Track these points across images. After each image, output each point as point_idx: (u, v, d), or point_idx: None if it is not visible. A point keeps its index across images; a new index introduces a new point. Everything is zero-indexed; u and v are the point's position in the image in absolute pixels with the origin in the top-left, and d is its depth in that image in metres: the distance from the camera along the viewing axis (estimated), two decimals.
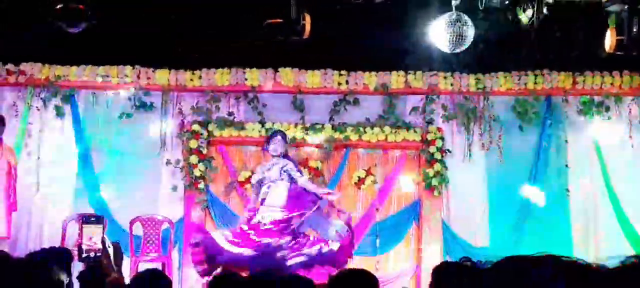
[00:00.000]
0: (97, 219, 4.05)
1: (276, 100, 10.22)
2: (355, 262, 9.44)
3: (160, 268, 8.61)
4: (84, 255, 4.12)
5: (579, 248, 9.64)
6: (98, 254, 4.08)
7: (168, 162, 10.01)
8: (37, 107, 9.97)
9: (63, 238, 8.93)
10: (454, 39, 7.94)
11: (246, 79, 10.14)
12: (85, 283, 4.53)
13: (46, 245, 6.22)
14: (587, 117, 10.13)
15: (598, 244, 9.84)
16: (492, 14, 8.42)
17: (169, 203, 9.89)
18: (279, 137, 8.69)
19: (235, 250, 8.03)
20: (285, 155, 8.68)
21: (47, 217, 9.80)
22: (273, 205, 8.39)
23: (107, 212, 9.63)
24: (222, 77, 10.12)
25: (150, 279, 4.54)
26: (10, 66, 9.93)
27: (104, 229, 6.30)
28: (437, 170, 10.00)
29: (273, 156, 8.64)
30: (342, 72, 10.20)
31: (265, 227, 8.22)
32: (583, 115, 10.15)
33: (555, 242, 9.54)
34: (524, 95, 10.16)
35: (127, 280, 5.79)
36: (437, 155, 10.02)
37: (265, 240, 8.10)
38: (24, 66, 9.95)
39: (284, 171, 8.50)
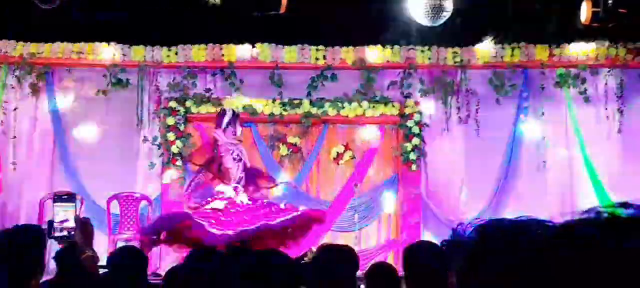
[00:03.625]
0: (70, 197, 4.02)
1: (253, 75, 10.16)
2: (335, 238, 9.51)
3: (137, 246, 8.57)
4: (57, 233, 4.08)
5: (556, 220, 9.70)
6: (71, 232, 4.04)
7: (145, 139, 9.95)
8: (11, 85, 9.86)
9: (40, 217, 8.86)
10: (433, 11, 7.93)
11: (223, 55, 10.08)
12: (61, 263, 4.50)
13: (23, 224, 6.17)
14: (564, 89, 10.19)
15: (575, 216, 9.89)
16: None
17: (146, 181, 9.84)
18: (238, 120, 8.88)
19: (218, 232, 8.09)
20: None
21: (24, 195, 9.73)
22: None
23: (84, 189, 9.58)
24: (198, 53, 10.05)
25: (127, 256, 4.53)
26: None
27: (77, 206, 6.25)
28: (415, 144, 10.01)
29: (239, 141, 8.75)
30: (320, 47, 10.17)
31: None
32: (559, 88, 10.20)
33: (533, 214, 9.59)
34: (500, 68, 10.18)
35: (102, 258, 5.76)
36: (415, 130, 10.03)
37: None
38: None
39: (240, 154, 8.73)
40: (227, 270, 3.82)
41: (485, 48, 10.14)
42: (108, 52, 9.95)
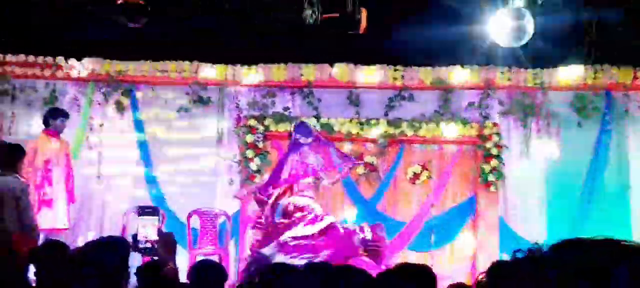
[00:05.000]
0: (153, 210, 4.13)
1: (331, 95, 10.24)
2: (410, 258, 9.48)
3: (217, 260, 8.71)
4: (140, 245, 4.19)
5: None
6: (154, 244, 4.15)
7: (225, 157, 10.11)
8: (98, 101, 10.19)
9: (123, 230, 9.10)
10: (514, 33, 7.85)
11: (302, 74, 10.19)
12: (143, 278, 4.62)
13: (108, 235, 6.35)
14: None
15: None
16: (551, 7, 8.30)
17: (225, 197, 9.99)
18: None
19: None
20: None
21: (107, 209, 10.03)
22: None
23: (165, 204, 9.81)
24: (278, 72, 10.19)
25: (207, 270, 4.63)
26: (72, 61, 10.14)
27: (160, 220, 6.37)
28: (494, 165, 9.91)
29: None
30: (398, 67, 10.18)
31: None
32: None
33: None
34: (583, 90, 10.00)
35: (182, 272, 5.89)
36: (494, 151, 9.93)
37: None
38: (86, 61, 10.16)
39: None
40: (305, 284, 3.87)
41: (567, 70, 9.97)
42: (190, 70, 10.18)
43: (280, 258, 8.02)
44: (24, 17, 9.51)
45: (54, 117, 9.06)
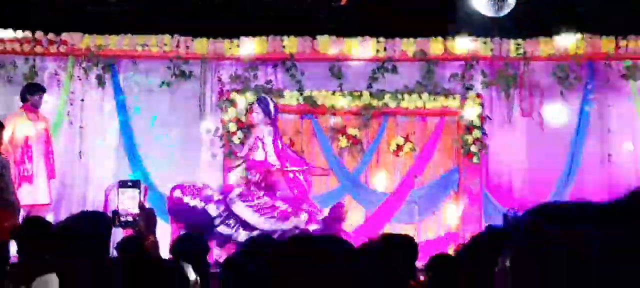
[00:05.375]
0: (134, 183, 4.09)
1: (314, 68, 10.19)
2: (395, 229, 9.49)
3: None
4: (121, 219, 4.16)
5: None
6: (135, 218, 4.11)
7: (207, 131, 10.08)
8: (78, 76, 10.09)
9: (105, 205, 9.03)
10: (497, 2, 7.83)
11: (284, 47, 10.13)
12: (123, 252, 4.60)
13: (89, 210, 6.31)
14: (630, 82, 9.96)
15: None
16: None
17: (208, 171, 9.96)
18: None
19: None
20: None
21: (89, 184, 9.98)
22: None
23: (149, 179, 9.77)
24: (260, 46, 10.12)
25: (189, 243, 4.62)
26: (51, 36, 10.03)
27: (141, 194, 6.33)
28: (476, 136, 9.92)
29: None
30: (380, 39, 10.13)
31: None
32: (626, 80, 9.97)
33: None
34: (565, 60, 10.01)
35: (164, 246, 5.87)
36: (476, 122, 9.94)
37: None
38: (65, 36, 10.05)
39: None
40: (285, 257, 3.86)
41: (550, 41, 9.98)
42: (171, 44, 10.10)
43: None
44: None
45: (32, 93, 8.99)
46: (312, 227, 8.56)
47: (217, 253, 8.48)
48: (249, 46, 10.10)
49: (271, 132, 9.12)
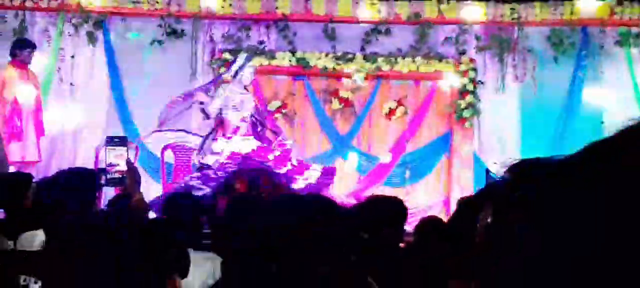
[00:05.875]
0: (121, 140, 4.05)
1: (307, 29, 10.12)
2: (386, 193, 9.49)
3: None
4: (108, 176, 4.13)
5: None
6: (123, 176, 4.08)
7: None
8: (69, 32, 9.99)
9: (96, 164, 9.01)
10: None
11: (277, 7, 10.04)
12: (115, 209, 4.57)
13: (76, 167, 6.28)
14: (624, 48, 9.92)
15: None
16: None
17: (200, 131, 9.90)
18: (252, 67, 8.75)
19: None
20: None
21: (79, 142, 9.93)
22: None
23: (139, 138, 9.72)
24: (252, 5, 10.03)
25: (179, 199, 4.59)
26: None
27: (129, 151, 6.31)
28: (469, 101, 9.90)
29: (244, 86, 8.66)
30: (375, 1, 10.04)
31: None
32: (620, 46, 9.93)
33: None
34: (559, 25, 9.95)
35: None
36: (469, 87, 9.91)
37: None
38: None
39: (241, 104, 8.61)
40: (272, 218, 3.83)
41: (544, 5, 9.91)
42: (163, 1, 9.99)
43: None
44: None
45: (21, 48, 8.89)
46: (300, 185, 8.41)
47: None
48: (242, 5, 9.99)
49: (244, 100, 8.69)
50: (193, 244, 3.98)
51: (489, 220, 1.07)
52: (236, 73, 8.67)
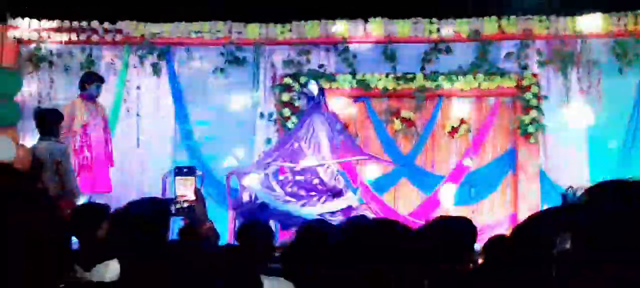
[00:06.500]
0: (189, 170, 4.12)
1: (366, 51, 10.14)
2: (451, 212, 9.42)
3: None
4: (177, 206, 4.19)
5: None
6: (191, 205, 4.14)
7: (262, 115, 10.12)
8: (134, 64, 10.23)
9: (163, 192, 9.16)
10: None
11: (335, 31, 10.10)
12: (185, 238, 4.64)
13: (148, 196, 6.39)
14: None
15: None
16: None
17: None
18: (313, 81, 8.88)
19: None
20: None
21: (147, 172, 10.11)
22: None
23: (205, 165, 9.87)
24: (312, 29, 10.11)
25: (256, 230, 4.65)
26: (107, 24, 10.19)
27: (197, 180, 6.40)
28: (533, 116, 9.77)
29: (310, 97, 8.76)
30: (433, 19, 10.02)
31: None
32: None
33: None
34: (623, 36, 9.76)
35: (223, 232, 5.92)
36: (533, 102, 9.79)
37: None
38: (121, 24, 10.20)
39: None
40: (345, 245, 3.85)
41: (607, 16, 9.75)
42: (224, 30, 10.16)
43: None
44: None
45: (90, 82, 9.12)
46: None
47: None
48: (301, 30, 10.10)
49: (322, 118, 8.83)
50: (264, 270, 4.03)
51: (567, 246, 1.06)
52: (317, 99, 8.78)
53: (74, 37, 10.17)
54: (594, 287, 1.01)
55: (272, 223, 8.14)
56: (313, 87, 8.83)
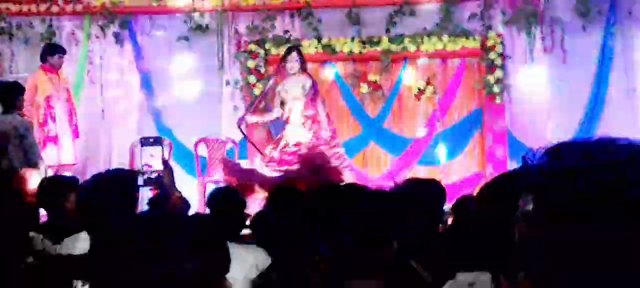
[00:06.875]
0: (156, 140, 4.10)
1: (331, 14, 10.09)
2: (420, 172, 9.50)
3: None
4: (145, 176, 4.17)
5: None
6: (160, 175, 4.13)
7: (227, 83, 10.06)
8: (95, 34, 10.07)
9: (131, 163, 9.12)
10: None
11: None
12: (155, 208, 4.62)
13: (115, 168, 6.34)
14: None
15: None
16: None
17: (231, 124, 9.96)
18: (294, 54, 8.69)
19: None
20: (304, 71, 8.72)
21: (114, 143, 10.04)
22: (296, 123, 8.56)
23: (172, 134, 9.81)
24: None
25: (226, 197, 4.62)
26: None
27: (164, 150, 6.39)
28: (498, 76, 9.83)
29: (290, 74, 8.65)
30: None
31: (291, 150, 8.38)
32: None
33: None
34: None
35: (192, 200, 5.89)
36: (498, 62, 9.84)
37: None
38: None
39: (304, 88, 8.58)
40: (309, 208, 3.86)
41: None
42: None
43: None
44: None
45: (52, 53, 8.98)
46: None
47: None
48: None
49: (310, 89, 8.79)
50: (233, 238, 4.02)
51: (530, 207, 1.05)
52: (279, 67, 8.79)
53: (33, 8, 9.97)
54: (553, 248, 1.01)
55: None
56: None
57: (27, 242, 3.66)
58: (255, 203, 7.38)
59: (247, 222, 4.70)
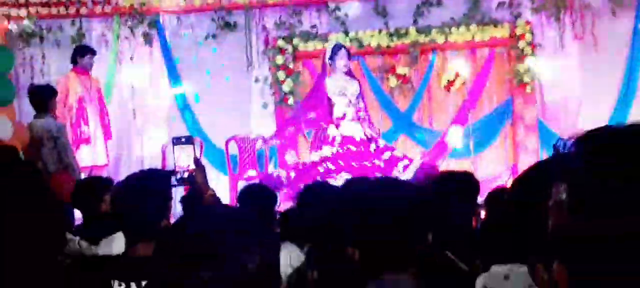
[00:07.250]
0: (188, 139, 4.12)
1: (358, 8, 10.07)
2: (451, 165, 9.44)
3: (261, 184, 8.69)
4: (178, 176, 4.20)
5: None
6: (192, 174, 4.15)
7: (257, 80, 10.08)
8: (125, 35, 10.14)
9: (163, 163, 9.18)
10: None
11: None
12: (188, 206, 4.64)
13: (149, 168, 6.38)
14: None
15: None
16: None
17: (260, 121, 9.99)
18: (343, 51, 8.61)
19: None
20: (351, 74, 8.67)
21: (145, 143, 10.10)
22: (348, 119, 8.53)
23: (203, 133, 9.86)
24: None
25: (257, 193, 4.64)
26: None
27: (196, 149, 6.45)
28: (528, 65, 9.73)
29: (339, 72, 8.58)
30: None
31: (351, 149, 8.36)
32: None
33: None
34: None
35: (224, 199, 5.91)
36: (527, 50, 9.74)
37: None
38: None
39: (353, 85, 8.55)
40: (342, 201, 3.85)
41: None
42: None
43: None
44: None
45: (82, 55, 9.06)
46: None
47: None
48: None
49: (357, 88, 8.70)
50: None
51: (563, 197, 1.05)
52: (325, 65, 8.70)
53: (62, 10, 10.06)
54: (587, 236, 1.01)
55: None
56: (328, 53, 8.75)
57: (64, 245, 3.70)
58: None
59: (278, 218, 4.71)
